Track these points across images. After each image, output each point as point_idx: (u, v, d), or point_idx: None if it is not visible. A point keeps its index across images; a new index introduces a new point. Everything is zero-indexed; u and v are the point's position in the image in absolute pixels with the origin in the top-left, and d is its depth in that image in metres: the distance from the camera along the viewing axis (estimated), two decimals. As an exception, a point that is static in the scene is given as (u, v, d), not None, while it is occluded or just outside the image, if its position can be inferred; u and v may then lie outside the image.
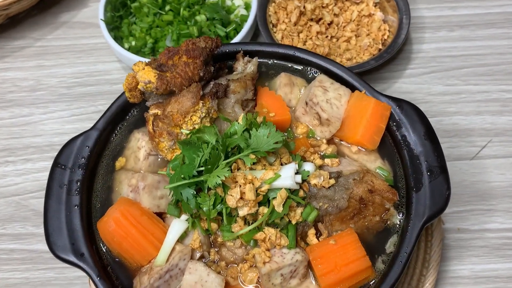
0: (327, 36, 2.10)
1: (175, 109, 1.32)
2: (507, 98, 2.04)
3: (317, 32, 2.07)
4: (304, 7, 2.08)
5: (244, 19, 2.07)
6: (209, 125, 1.34)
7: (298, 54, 1.58)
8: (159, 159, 1.46)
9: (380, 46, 2.04)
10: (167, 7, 2.05)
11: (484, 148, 1.93)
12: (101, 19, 2.04)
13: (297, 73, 1.60)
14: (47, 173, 1.90)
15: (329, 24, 2.12)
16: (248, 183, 1.23)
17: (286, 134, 1.39)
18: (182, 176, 1.24)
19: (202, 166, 1.25)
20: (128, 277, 1.32)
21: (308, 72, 1.59)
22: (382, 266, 1.30)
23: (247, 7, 2.14)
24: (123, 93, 1.52)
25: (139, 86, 1.38)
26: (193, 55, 1.36)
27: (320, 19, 2.12)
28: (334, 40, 2.10)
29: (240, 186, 1.23)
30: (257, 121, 1.35)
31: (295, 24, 2.08)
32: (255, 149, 1.25)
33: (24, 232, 1.85)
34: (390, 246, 1.33)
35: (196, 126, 1.32)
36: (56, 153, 1.96)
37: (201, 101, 1.33)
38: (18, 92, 2.16)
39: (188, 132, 1.31)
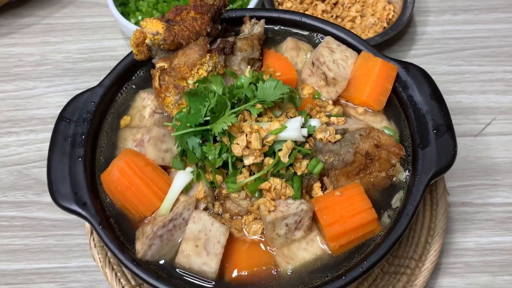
0: (332, 16, 2.11)
1: (182, 61, 1.33)
2: (511, 78, 2.04)
3: (323, 11, 2.09)
4: (309, -14, 2.10)
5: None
6: (216, 77, 1.34)
7: (304, 19, 1.59)
8: (164, 117, 1.45)
9: (385, 25, 2.06)
10: (175, -17, 2.07)
11: (488, 126, 1.93)
12: (108, -5, 2.05)
13: (303, 39, 1.60)
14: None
15: (334, 4, 2.14)
16: (254, 132, 1.22)
17: (292, 91, 1.39)
18: (188, 124, 1.24)
19: (208, 116, 1.25)
20: (130, 229, 1.31)
21: (315, 38, 1.60)
22: (388, 221, 1.29)
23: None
24: (130, 53, 1.53)
25: (146, 41, 1.38)
26: (201, 10, 1.37)
27: (325, -2, 2.14)
28: (339, 19, 2.12)
29: (246, 135, 1.23)
30: (263, 77, 1.35)
31: (301, 2, 2.10)
32: (261, 100, 1.25)
33: (25, 200, 1.84)
34: (396, 201, 1.32)
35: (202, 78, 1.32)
36: (59, 125, 1.98)
37: (208, 55, 1.34)
38: (23, 66, 2.17)
39: (194, 82, 1.30)
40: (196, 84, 1.29)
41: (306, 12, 2.08)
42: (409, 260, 1.56)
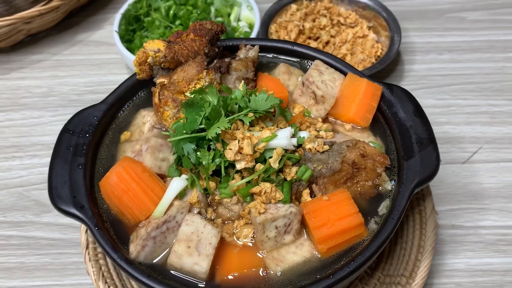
0: (324, 53, 2.25)
1: (181, 76, 1.43)
2: (495, 111, 2.14)
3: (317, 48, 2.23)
4: (303, 26, 2.26)
5: (247, 35, 2.24)
6: (211, 93, 1.43)
7: (296, 47, 1.71)
8: (162, 132, 1.53)
9: (374, 60, 2.19)
10: (177, 22, 2.23)
11: (475, 154, 2.00)
12: (115, 31, 2.21)
13: (295, 65, 1.72)
14: None
15: (326, 43, 2.29)
16: (246, 139, 1.30)
17: (284, 109, 1.47)
18: (184, 131, 1.31)
19: (203, 125, 1.33)
20: (125, 234, 1.35)
21: (306, 64, 1.71)
22: (375, 227, 1.33)
23: (251, 27, 2.32)
24: (133, 74, 1.63)
25: (148, 60, 1.49)
26: (200, 33, 1.49)
27: (318, 37, 2.29)
28: (331, 56, 2.25)
29: (238, 141, 1.30)
30: (255, 93, 1.44)
31: (295, 41, 2.25)
32: (253, 109, 1.34)
33: (24, 220, 1.88)
34: (382, 209, 1.36)
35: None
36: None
37: (205, 71, 1.44)
38: (31, 97, 2.28)
39: (191, 93, 1.40)
40: (193, 95, 1.38)
41: (300, 49, 2.21)
42: (400, 277, 1.58)
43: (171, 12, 2.23)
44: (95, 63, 2.41)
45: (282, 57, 1.74)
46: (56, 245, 1.81)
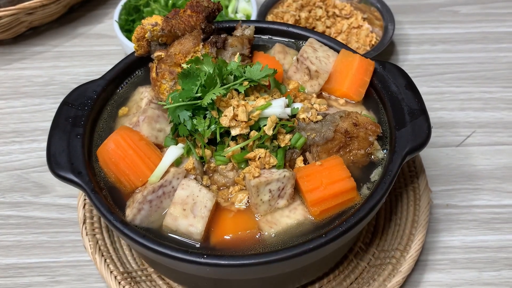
0: (320, 42, 2.29)
1: (178, 49, 1.46)
2: (488, 97, 2.18)
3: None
4: (299, 16, 2.31)
5: (244, 25, 2.28)
6: (207, 65, 1.46)
7: (291, 29, 1.75)
8: (158, 103, 1.56)
9: (368, 48, 2.23)
10: (176, 11, 2.27)
11: (468, 138, 2.03)
12: (115, 21, 2.25)
13: (291, 45, 1.76)
14: None
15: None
16: (241, 106, 1.33)
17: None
18: (181, 99, 1.35)
19: (199, 94, 1.36)
20: (122, 201, 1.37)
21: (301, 45, 1.75)
22: (367, 192, 1.35)
23: (248, 18, 2.37)
24: (131, 54, 1.67)
25: (146, 35, 1.53)
26: (197, 10, 1.53)
27: (313, 28, 2.33)
28: (326, 46, 2.29)
29: (233, 108, 1.33)
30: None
31: (291, 30, 2.29)
32: (248, 78, 1.37)
33: (22, 201, 1.90)
34: (375, 176, 1.38)
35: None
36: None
37: (201, 44, 1.48)
38: (31, 86, 2.32)
39: (186, 62, 1.43)
40: (189, 65, 1.41)
41: (296, 38, 2.26)
42: (394, 251, 1.59)
43: (170, 2, 2.28)
44: (96, 54, 2.46)
45: (278, 38, 1.78)
46: (53, 224, 1.82)
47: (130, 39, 2.26)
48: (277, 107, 1.36)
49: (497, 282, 1.62)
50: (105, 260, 1.55)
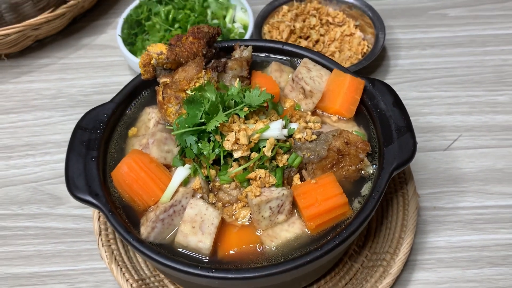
0: (314, 51, 2.41)
1: (182, 76, 1.58)
2: (475, 101, 2.30)
3: (306, 47, 2.39)
4: (294, 26, 2.42)
5: (242, 36, 2.40)
6: (209, 89, 1.59)
7: (286, 47, 1.87)
8: (166, 127, 1.69)
9: (360, 57, 2.34)
10: (176, 25, 2.38)
11: (455, 141, 2.16)
12: (118, 35, 2.36)
13: (286, 63, 1.87)
14: (63, 164, 2.16)
15: (316, 42, 2.45)
16: (242, 131, 1.46)
17: (276, 104, 1.63)
18: (186, 125, 1.47)
19: (203, 119, 1.48)
20: (136, 218, 1.50)
21: (296, 63, 1.87)
22: (358, 206, 1.49)
23: (245, 28, 2.48)
24: (137, 76, 1.79)
25: (152, 61, 1.65)
26: (198, 36, 1.64)
27: (308, 37, 2.44)
28: (321, 54, 2.41)
29: (235, 133, 1.46)
30: (250, 89, 1.60)
31: (286, 40, 2.40)
32: (248, 104, 1.49)
33: (39, 213, 2.03)
34: (365, 190, 1.52)
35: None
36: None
37: (203, 71, 1.60)
38: (41, 99, 2.43)
39: (191, 90, 1.55)
40: (193, 92, 1.53)
41: (291, 48, 2.37)
42: (385, 254, 1.74)
43: (170, 16, 2.38)
44: (100, 66, 2.57)
45: (274, 56, 1.90)
46: (70, 234, 1.96)
47: (132, 52, 2.37)
48: (275, 130, 1.49)
49: (480, 279, 1.77)
50: (121, 269, 1.69)
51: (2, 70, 2.55)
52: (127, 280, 1.67)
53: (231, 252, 1.42)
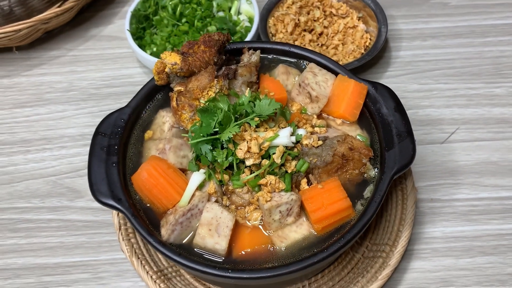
0: (318, 44, 2.48)
1: (195, 85, 1.67)
2: (472, 94, 2.39)
3: (310, 40, 2.46)
4: (298, 19, 2.47)
5: (248, 30, 2.46)
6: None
7: (292, 49, 1.94)
8: (180, 130, 1.79)
9: (363, 51, 2.42)
10: (184, 20, 2.44)
11: (453, 134, 2.27)
12: (127, 30, 2.42)
13: (292, 65, 1.95)
14: (79, 158, 2.29)
15: (319, 34, 2.51)
16: (253, 140, 1.56)
17: (284, 108, 1.73)
18: (201, 134, 1.58)
19: (217, 128, 1.59)
20: (156, 220, 1.63)
21: (302, 64, 1.95)
22: (361, 208, 1.62)
23: (250, 20, 2.53)
24: (150, 80, 1.87)
25: (166, 69, 1.73)
26: (209, 45, 1.72)
27: (312, 29, 2.50)
28: (324, 47, 2.48)
29: (247, 142, 1.56)
30: (259, 97, 1.69)
31: (291, 33, 2.47)
32: (258, 114, 1.59)
33: (60, 205, 2.16)
34: (367, 193, 1.64)
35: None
36: (87, 142, 2.33)
37: (215, 79, 1.68)
38: (54, 92, 2.51)
39: (205, 101, 1.65)
40: (207, 103, 1.63)
41: (296, 42, 2.44)
42: (385, 246, 1.88)
43: (178, 10, 2.43)
44: (109, 58, 2.63)
45: (281, 57, 1.97)
46: (90, 226, 2.10)
47: (141, 46, 2.44)
48: (283, 138, 1.59)
49: (471, 267, 1.92)
50: (141, 262, 1.83)
51: (14, 63, 2.62)
52: (147, 272, 1.82)
53: (244, 252, 1.55)
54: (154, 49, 2.41)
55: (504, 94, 2.38)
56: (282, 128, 1.65)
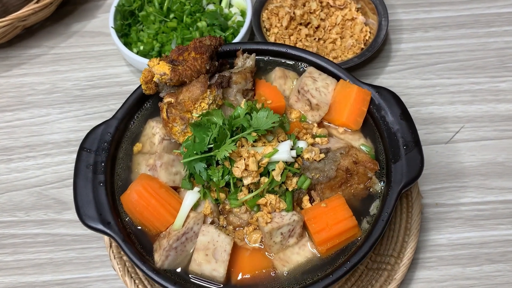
0: (315, 38, 2.34)
1: (187, 97, 1.55)
2: (476, 89, 2.29)
3: (306, 35, 2.32)
4: (293, 13, 2.33)
5: (240, 24, 2.31)
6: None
7: (290, 51, 1.81)
8: (172, 143, 1.67)
9: (362, 46, 2.29)
10: (171, 15, 2.28)
11: (457, 134, 2.17)
12: (111, 27, 2.26)
13: (289, 68, 1.83)
14: (65, 166, 2.17)
15: (316, 28, 2.37)
16: (251, 157, 1.45)
17: (282, 117, 1.61)
18: (195, 152, 1.46)
19: (211, 144, 1.47)
20: (148, 243, 1.53)
21: (299, 67, 1.83)
22: (367, 226, 1.52)
23: (243, 14, 2.38)
24: (138, 87, 1.74)
25: (154, 79, 1.60)
26: (200, 51, 1.59)
27: (308, 23, 2.36)
28: (322, 41, 2.34)
29: (244, 159, 1.45)
30: (256, 107, 1.57)
31: (286, 28, 2.33)
32: (256, 128, 1.47)
33: (47, 218, 2.04)
34: (373, 209, 1.55)
35: (205, 111, 1.54)
36: (72, 148, 2.20)
37: (208, 90, 1.56)
38: (36, 95, 2.36)
39: (198, 115, 1.53)
40: (200, 117, 1.50)
41: (291, 37, 2.30)
42: (389, 257, 1.80)
43: (165, 5, 2.28)
44: (93, 55, 2.48)
45: (277, 59, 1.84)
46: (79, 240, 1.99)
47: (127, 44, 2.29)
48: (283, 153, 1.48)
49: (479, 276, 1.86)
50: (134, 281, 1.74)
51: (-9, 63, 2.46)
52: (141, 292, 1.72)
53: (245, 277, 1.46)
54: (141, 48, 2.26)
55: (510, 89, 2.28)
56: (281, 141, 1.54)
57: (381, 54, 2.42)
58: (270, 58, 1.85)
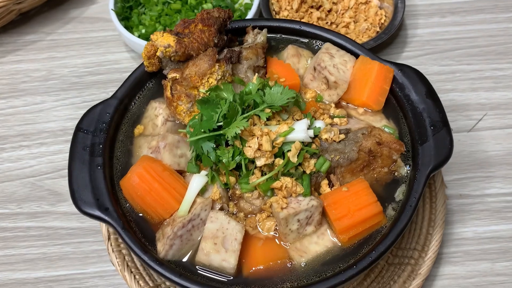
0: (327, 22, 2.21)
1: (193, 71, 1.41)
2: (499, 75, 2.15)
3: (318, 18, 2.19)
4: (304, -5, 2.20)
5: (248, 7, 2.18)
6: (225, 85, 1.42)
7: (303, 27, 1.68)
8: (176, 124, 1.53)
9: (378, 29, 2.15)
10: (175, -4, 2.16)
11: (480, 121, 2.03)
12: (111, 9, 2.13)
13: (303, 46, 1.69)
14: (61, 155, 2.03)
15: (328, 11, 2.24)
16: (265, 135, 1.31)
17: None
18: (202, 130, 1.32)
19: (220, 122, 1.33)
20: (150, 231, 1.38)
21: (314, 45, 1.69)
22: (393, 213, 1.38)
23: (250, -3, 2.25)
24: (140, 65, 1.61)
25: (158, 53, 1.46)
26: (208, 23, 1.45)
27: (320, 6, 2.23)
28: (334, 26, 2.21)
29: (257, 138, 1.31)
30: (269, 83, 1.43)
31: (297, 11, 2.20)
32: (270, 104, 1.33)
33: (40, 211, 1.90)
34: (399, 195, 1.40)
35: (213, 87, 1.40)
36: (69, 137, 2.05)
37: (217, 64, 1.42)
38: (30, 82, 2.23)
39: (206, 91, 1.39)
40: (208, 92, 1.37)
41: (302, 20, 2.17)
42: (413, 251, 1.65)
43: (168, -14, 2.15)
44: (92, 42, 2.35)
45: (290, 37, 1.71)
46: (75, 234, 1.84)
47: (128, 27, 2.16)
48: (300, 132, 1.34)
49: (509, 272, 1.71)
50: (134, 276, 1.59)
51: (-15, 50, 2.33)
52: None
53: (258, 268, 1.31)
54: (143, 31, 2.13)
55: (534, 75, 2.15)
56: (297, 120, 1.39)
57: (397, 39, 2.29)
58: (283, 36, 1.72)
